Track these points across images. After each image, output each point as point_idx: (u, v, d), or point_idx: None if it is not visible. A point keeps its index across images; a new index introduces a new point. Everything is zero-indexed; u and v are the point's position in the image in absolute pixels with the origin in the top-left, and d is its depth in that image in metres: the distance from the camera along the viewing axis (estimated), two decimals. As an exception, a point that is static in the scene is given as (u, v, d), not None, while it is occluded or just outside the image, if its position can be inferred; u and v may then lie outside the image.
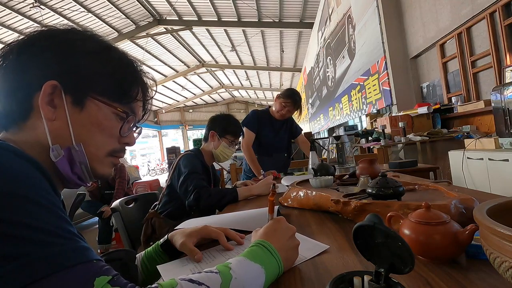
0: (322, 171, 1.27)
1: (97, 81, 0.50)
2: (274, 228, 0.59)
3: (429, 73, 3.92)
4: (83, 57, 0.49)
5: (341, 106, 7.10)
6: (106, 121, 0.51)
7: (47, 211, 0.36)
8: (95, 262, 0.38)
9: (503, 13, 2.65)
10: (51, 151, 0.46)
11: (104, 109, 0.50)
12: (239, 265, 0.48)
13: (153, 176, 15.97)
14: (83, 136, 0.49)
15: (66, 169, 0.48)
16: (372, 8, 4.44)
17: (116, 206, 1.56)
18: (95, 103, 0.49)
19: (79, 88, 0.48)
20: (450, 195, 0.76)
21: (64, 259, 0.35)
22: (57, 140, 0.47)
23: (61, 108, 0.47)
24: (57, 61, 0.47)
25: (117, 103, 0.52)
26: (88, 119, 0.49)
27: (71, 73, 0.47)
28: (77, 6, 7.67)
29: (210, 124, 1.74)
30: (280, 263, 0.52)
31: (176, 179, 1.54)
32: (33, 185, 0.37)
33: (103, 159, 0.52)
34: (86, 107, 0.49)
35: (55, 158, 0.46)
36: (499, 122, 2.20)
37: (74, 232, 0.38)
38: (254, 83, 17.35)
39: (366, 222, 0.41)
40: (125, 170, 3.66)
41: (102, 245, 3.34)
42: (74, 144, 0.48)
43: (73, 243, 0.37)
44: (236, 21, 9.41)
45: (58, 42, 0.49)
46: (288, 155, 2.51)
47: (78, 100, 0.48)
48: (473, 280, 0.45)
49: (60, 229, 0.36)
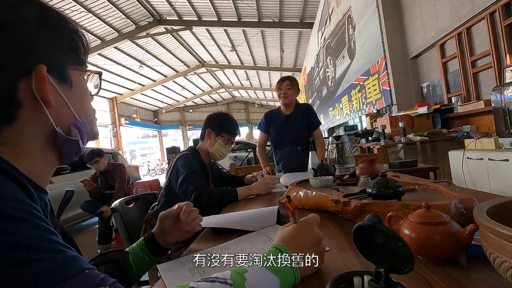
0: (322, 171, 1.27)
1: (66, 51, 0.46)
2: (299, 232, 0.55)
3: (429, 73, 3.92)
4: (37, 30, 0.42)
5: (341, 106, 7.10)
6: (84, 85, 0.51)
7: (24, 222, 0.32)
8: (88, 272, 0.34)
9: (503, 13, 2.65)
10: (73, 126, 0.46)
11: (79, 75, 0.49)
12: (255, 275, 0.46)
13: (153, 176, 15.97)
14: (80, 107, 0.48)
15: (80, 141, 0.47)
16: (372, 8, 4.44)
17: (116, 206, 1.56)
18: (73, 74, 0.47)
19: (59, 64, 0.45)
20: (450, 195, 0.76)
21: (52, 275, 0.31)
22: (58, 121, 0.44)
23: (52, 92, 0.43)
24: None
25: (82, 65, 0.50)
26: (77, 91, 0.48)
27: (48, 50, 0.43)
28: (77, 6, 7.67)
29: (206, 122, 1.73)
30: (297, 274, 0.49)
31: (175, 179, 1.53)
32: (2, 196, 0.32)
33: (93, 118, 0.53)
34: (71, 80, 0.47)
35: (72, 135, 0.46)
36: (499, 122, 2.20)
37: (58, 240, 0.34)
38: (254, 83, 17.35)
39: (366, 222, 0.41)
40: (125, 170, 3.66)
41: (102, 245, 3.33)
42: (78, 118, 0.47)
43: (59, 255, 0.33)
44: (236, 21, 9.41)
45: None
46: (303, 149, 2.34)
47: (64, 77, 0.45)
48: (473, 280, 0.45)
49: (42, 241, 0.32)
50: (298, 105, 2.44)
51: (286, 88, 2.33)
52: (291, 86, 2.34)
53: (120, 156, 6.07)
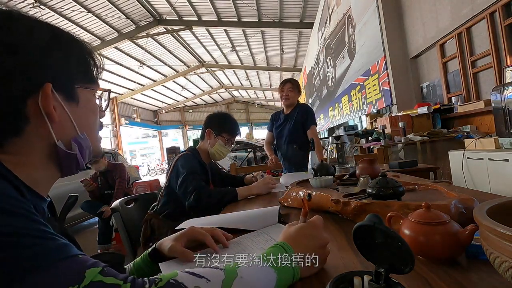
0: (322, 171, 1.27)
1: (75, 70, 0.49)
2: (305, 233, 0.54)
3: (429, 73, 3.92)
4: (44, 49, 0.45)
5: (341, 106, 7.10)
6: (93, 104, 0.53)
7: (18, 216, 0.35)
8: (81, 256, 0.37)
9: (503, 13, 2.65)
10: (74, 141, 0.48)
11: (87, 94, 0.51)
12: (250, 266, 0.47)
13: (153, 176, 15.96)
14: (83, 124, 0.50)
15: (80, 156, 0.49)
16: (372, 8, 4.44)
17: (116, 206, 1.56)
18: (81, 92, 0.50)
19: (67, 82, 0.48)
20: (450, 195, 0.76)
21: (49, 256, 0.34)
22: (60, 136, 0.46)
23: (58, 108, 0.46)
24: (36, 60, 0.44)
25: (92, 84, 0.52)
26: (83, 109, 0.50)
27: (57, 69, 0.46)
28: (77, 6, 7.67)
29: (207, 122, 1.73)
30: (296, 272, 0.49)
31: (175, 179, 1.53)
32: (1, 194, 0.36)
33: (97, 136, 0.55)
34: (78, 98, 0.49)
35: (73, 151, 0.48)
36: (499, 122, 2.20)
37: (51, 231, 0.37)
38: (254, 83, 17.36)
39: (366, 222, 0.41)
40: (125, 170, 3.66)
41: (102, 245, 3.33)
42: (80, 134, 0.49)
43: (54, 241, 0.36)
44: (236, 21, 9.41)
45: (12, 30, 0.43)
46: (300, 147, 2.40)
47: (71, 94, 0.48)
48: (473, 280, 0.45)
49: (34, 230, 0.35)
50: (298, 105, 2.52)
51: (287, 90, 2.47)
52: (292, 88, 2.48)
53: (120, 156, 6.07)
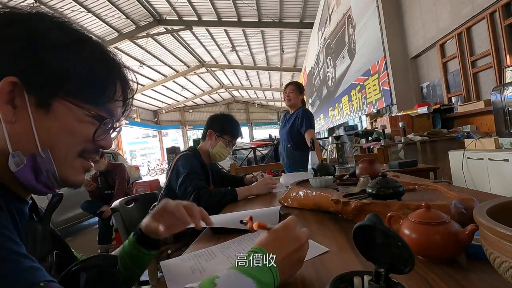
0: (322, 171, 1.27)
1: (67, 80, 0.42)
2: (279, 236, 0.51)
3: (429, 73, 3.92)
4: (50, 51, 0.41)
5: (341, 106, 7.10)
6: (78, 124, 0.44)
7: None
8: (42, 285, 0.31)
9: (503, 13, 2.65)
10: (11, 157, 0.39)
11: (76, 111, 0.43)
12: (227, 281, 0.43)
13: (153, 176, 15.95)
14: (50, 140, 0.42)
15: (29, 178, 0.41)
16: (372, 8, 4.44)
17: (116, 206, 1.56)
18: (65, 105, 0.42)
19: (45, 88, 0.41)
20: (450, 195, 0.76)
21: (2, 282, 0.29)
22: (19, 145, 0.40)
23: (23, 110, 0.40)
24: (18, 54, 0.40)
25: (90, 105, 0.45)
26: (56, 123, 0.42)
27: (35, 69, 0.40)
28: (77, 6, 7.67)
29: (209, 122, 1.73)
30: (276, 277, 0.46)
31: (175, 179, 1.53)
32: None
33: (73, 162, 0.46)
34: (53, 109, 0.42)
35: (16, 166, 0.40)
36: (499, 122, 2.20)
37: (17, 250, 0.32)
38: (254, 83, 17.35)
39: (366, 222, 0.41)
40: (125, 171, 3.66)
41: (102, 245, 3.34)
42: (40, 151, 0.41)
43: (11, 265, 0.30)
44: (236, 21, 9.41)
45: (20, 31, 0.41)
46: (293, 147, 2.57)
47: (44, 101, 0.41)
48: (473, 280, 0.45)
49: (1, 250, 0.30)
50: (299, 109, 2.63)
51: (289, 91, 2.64)
52: (294, 90, 2.64)
53: (120, 156, 6.07)
